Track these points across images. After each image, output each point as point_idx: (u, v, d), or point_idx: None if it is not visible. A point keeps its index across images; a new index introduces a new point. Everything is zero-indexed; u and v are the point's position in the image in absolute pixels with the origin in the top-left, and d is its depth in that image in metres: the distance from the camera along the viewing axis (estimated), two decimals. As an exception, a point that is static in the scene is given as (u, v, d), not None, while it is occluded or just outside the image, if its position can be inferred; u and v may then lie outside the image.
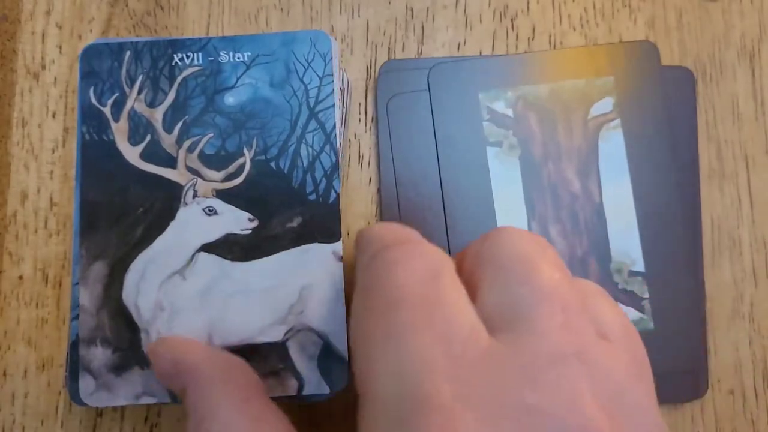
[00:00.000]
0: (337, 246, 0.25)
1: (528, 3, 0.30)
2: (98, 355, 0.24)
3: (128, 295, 0.24)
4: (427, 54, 0.29)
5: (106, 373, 0.24)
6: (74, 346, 0.24)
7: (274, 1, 0.29)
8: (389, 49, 0.29)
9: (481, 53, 0.29)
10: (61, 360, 0.27)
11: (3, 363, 0.27)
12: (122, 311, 0.24)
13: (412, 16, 0.29)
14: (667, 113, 0.28)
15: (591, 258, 0.27)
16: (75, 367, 0.24)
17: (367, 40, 0.29)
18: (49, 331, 0.27)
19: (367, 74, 0.29)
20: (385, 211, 0.27)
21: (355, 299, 0.18)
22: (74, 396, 0.24)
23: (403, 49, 0.29)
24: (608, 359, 0.15)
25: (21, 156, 0.28)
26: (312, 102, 0.26)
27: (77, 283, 0.25)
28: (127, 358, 0.24)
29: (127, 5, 0.29)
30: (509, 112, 0.28)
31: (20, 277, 0.27)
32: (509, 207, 0.27)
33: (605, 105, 0.28)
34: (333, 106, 0.26)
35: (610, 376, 0.15)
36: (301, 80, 0.26)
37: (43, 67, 0.29)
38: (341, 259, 0.25)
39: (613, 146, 0.28)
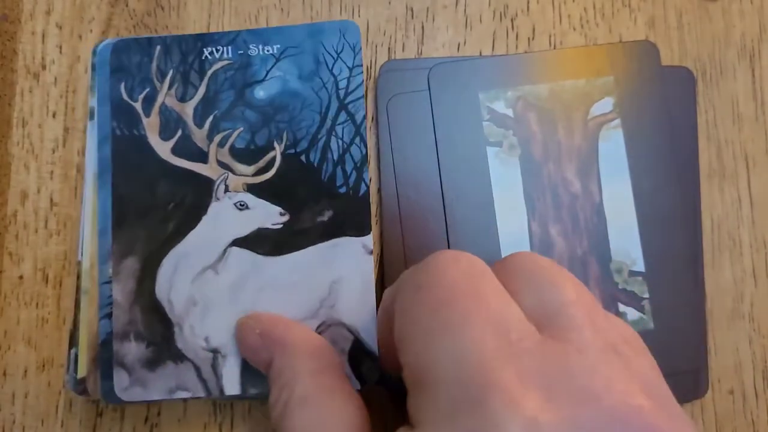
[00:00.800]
0: (368, 239, 0.25)
1: (528, 3, 0.30)
2: (132, 350, 0.24)
3: (161, 290, 0.25)
4: (427, 54, 0.29)
5: (140, 368, 0.24)
6: (106, 343, 0.24)
7: (274, 1, 0.29)
8: (389, 49, 0.29)
9: (481, 53, 0.29)
10: (62, 360, 0.27)
11: (3, 363, 0.27)
12: (155, 306, 0.24)
13: (412, 16, 0.29)
14: (668, 113, 0.28)
15: (591, 258, 0.27)
16: (108, 364, 0.24)
17: (367, 40, 0.29)
18: (49, 331, 0.27)
19: (367, 74, 0.29)
20: (385, 211, 0.27)
21: (403, 299, 0.19)
22: (108, 393, 0.24)
23: (403, 49, 0.29)
24: (636, 357, 0.17)
25: (21, 156, 0.28)
26: (342, 93, 0.26)
27: (108, 282, 0.25)
28: (160, 352, 0.24)
29: (127, 5, 0.29)
30: (509, 112, 0.28)
31: (20, 277, 0.27)
32: (509, 207, 0.27)
33: (605, 105, 0.28)
34: (362, 97, 0.26)
35: (641, 370, 0.16)
36: (331, 72, 0.26)
37: (43, 67, 0.29)
38: (371, 252, 0.25)
39: (613, 146, 0.28)
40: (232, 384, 0.24)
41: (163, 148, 0.25)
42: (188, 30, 0.29)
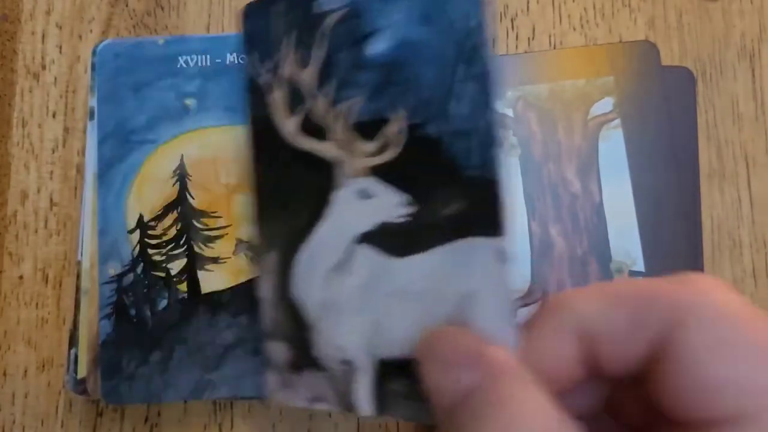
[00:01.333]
0: (502, 242, 0.19)
1: (528, 3, 0.30)
2: (278, 351, 0.22)
3: (297, 289, 0.22)
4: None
5: (286, 370, 0.22)
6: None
7: (274, 1, 0.29)
8: (389, 49, 0.29)
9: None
10: (62, 360, 0.27)
11: (3, 363, 0.27)
12: (294, 307, 0.22)
13: (412, 16, 0.29)
14: (668, 113, 0.28)
15: (591, 258, 0.27)
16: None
17: (367, 40, 0.29)
18: (49, 331, 0.27)
19: (367, 74, 0.29)
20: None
21: (714, 340, 0.16)
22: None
23: (403, 49, 0.29)
24: None
25: (21, 156, 0.28)
26: (468, 44, 0.19)
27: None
28: (301, 357, 0.22)
29: (127, 5, 0.29)
30: (509, 111, 0.28)
31: (20, 277, 0.27)
32: (509, 207, 0.27)
33: (605, 105, 0.28)
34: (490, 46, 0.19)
35: None
36: (455, 11, 0.20)
37: (43, 67, 0.29)
38: (506, 260, 0.19)
39: (613, 146, 0.28)
40: (364, 402, 0.21)
41: (288, 128, 0.22)
42: (188, 30, 0.29)
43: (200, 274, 0.26)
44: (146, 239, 0.26)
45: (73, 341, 0.26)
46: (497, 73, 0.19)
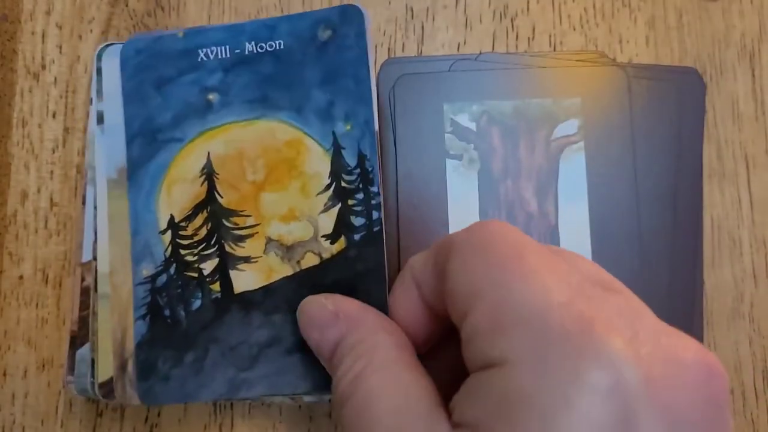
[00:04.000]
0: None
1: (528, 3, 0.30)
2: None
3: None
4: (427, 54, 0.29)
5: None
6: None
7: (274, 1, 0.29)
8: (389, 49, 0.29)
9: (480, 53, 0.29)
10: (62, 360, 0.27)
11: (3, 363, 0.27)
12: None
13: (412, 16, 0.29)
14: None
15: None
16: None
17: (367, 40, 0.29)
18: (49, 331, 0.27)
19: (367, 74, 0.29)
20: (386, 211, 0.27)
21: (466, 258, 0.19)
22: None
23: (403, 49, 0.29)
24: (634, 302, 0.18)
25: (21, 156, 0.28)
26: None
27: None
28: None
29: (127, 5, 0.29)
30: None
31: (20, 277, 0.27)
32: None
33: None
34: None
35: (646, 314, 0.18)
36: None
37: (43, 67, 0.29)
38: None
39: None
40: None
41: None
42: (188, 30, 0.29)
43: (232, 273, 0.25)
44: (178, 240, 0.26)
45: (77, 341, 0.26)
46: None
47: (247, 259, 0.26)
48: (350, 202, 0.25)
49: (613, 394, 0.15)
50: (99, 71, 0.27)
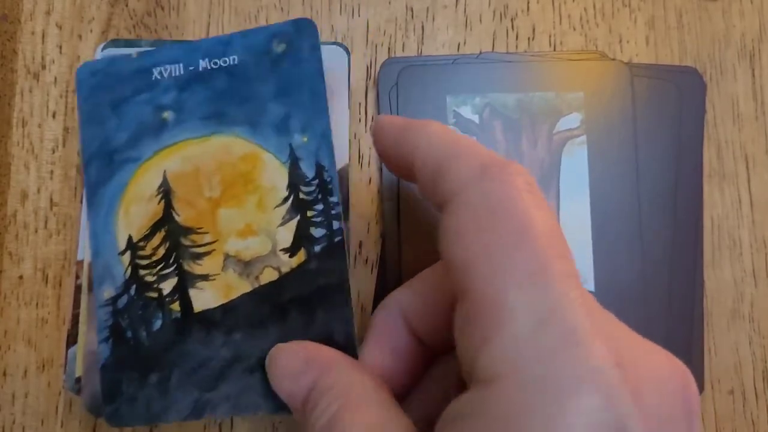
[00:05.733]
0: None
1: (528, 3, 0.30)
2: None
3: None
4: (427, 54, 0.29)
5: None
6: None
7: (274, 1, 0.29)
8: (389, 49, 0.29)
9: (480, 53, 0.29)
10: (62, 360, 0.27)
11: (3, 363, 0.27)
12: None
13: (412, 16, 0.29)
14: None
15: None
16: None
17: (367, 40, 0.29)
18: (49, 331, 0.27)
19: (367, 74, 0.29)
20: (387, 211, 0.27)
21: (456, 220, 0.19)
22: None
23: (403, 49, 0.29)
24: None
25: (21, 156, 0.28)
26: None
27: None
28: None
29: (127, 5, 0.29)
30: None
31: (20, 277, 0.27)
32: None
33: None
34: None
35: None
36: None
37: (43, 67, 0.29)
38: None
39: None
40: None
41: None
42: (188, 30, 0.29)
43: (192, 292, 0.25)
44: (137, 260, 0.25)
45: (69, 340, 0.26)
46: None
47: (205, 277, 0.25)
48: (309, 213, 0.25)
49: (606, 410, 0.15)
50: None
